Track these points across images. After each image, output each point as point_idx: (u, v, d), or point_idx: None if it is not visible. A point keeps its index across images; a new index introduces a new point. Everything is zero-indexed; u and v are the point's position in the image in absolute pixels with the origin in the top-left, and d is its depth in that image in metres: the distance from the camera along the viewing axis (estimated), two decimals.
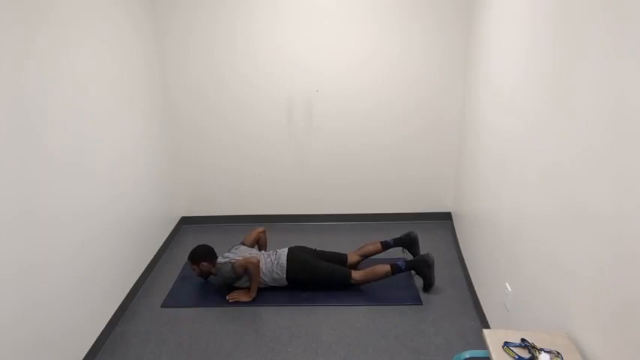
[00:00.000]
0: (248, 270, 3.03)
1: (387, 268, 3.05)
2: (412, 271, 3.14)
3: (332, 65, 3.70)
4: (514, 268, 2.26)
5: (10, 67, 1.97)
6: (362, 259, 3.34)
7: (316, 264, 3.13)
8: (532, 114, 2.05)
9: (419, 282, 3.19)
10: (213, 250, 3.21)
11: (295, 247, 3.25)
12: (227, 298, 3.07)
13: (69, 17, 2.43)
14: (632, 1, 1.31)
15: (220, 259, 3.15)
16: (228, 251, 3.25)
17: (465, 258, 3.38)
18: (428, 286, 3.10)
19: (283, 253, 3.18)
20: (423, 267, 3.08)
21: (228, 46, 3.67)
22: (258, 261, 3.04)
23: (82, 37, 2.56)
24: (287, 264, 3.11)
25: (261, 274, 3.09)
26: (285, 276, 3.11)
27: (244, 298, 3.05)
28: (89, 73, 2.63)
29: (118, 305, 2.92)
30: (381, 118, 3.86)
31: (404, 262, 3.07)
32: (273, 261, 3.15)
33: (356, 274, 3.08)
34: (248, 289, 3.09)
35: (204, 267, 3.15)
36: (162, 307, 3.06)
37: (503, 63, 2.55)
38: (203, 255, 3.16)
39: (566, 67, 1.73)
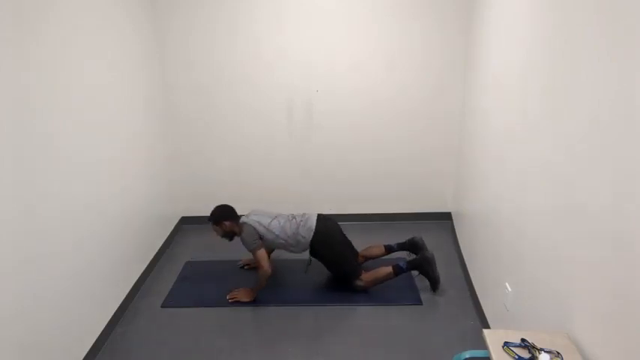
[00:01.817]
0: (257, 267, 3.00)
1: (389, 269, 3.05)
2: (415, 272, 3.13)
3: (332, 65, 3.70)
4: (514, 268, 2.26)
5: (10, 67, 1.96)
6: (365, 260, 3.34)
7: (342, 240, 3.08)
8: (532, 113, 2.05)
9: (419, 282, 3.19)
10: (233, 209, 3.14)
11: (324, 215, 3.19)
12: (227, 298, 3.07)
13: (69, 17, 2.43)
14: (632, 2, 1.31)
15: (245, 219, 3.07)
16: (262, 214, 3.14)
17: (465, 258, 3.38)
18: (434, 285, 3.08)
19: (312, 216, 3.12)
20: (424, 265, 3.07)
21: (228, 46, 3.67)
22: (269, 272, 2.98)
23: (82, 37, 2.56)
24: (315, 226, 3.04)
25: (284, 236, 3.02)
26: (310, 240, 3.03)
27: (245, 298, 3.04)
28: (89, 73, 2.63)
29: (118, 305, 2.92)
30: (380, 118, 3.86)
31: (405, 263, 3.07)
32: (299, 222, 3.07)
33: (364, 275, 3.07)
34: (251, 289, 3.09)
35: (226, 227, 3.08)
36: (162, 307, 3.06)
37: (503, 63, 2.55)
38: (223, 215, 3.09)
39: (565, 67, 1.73)
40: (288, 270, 3.39)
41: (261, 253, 2.99)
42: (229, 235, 3.14)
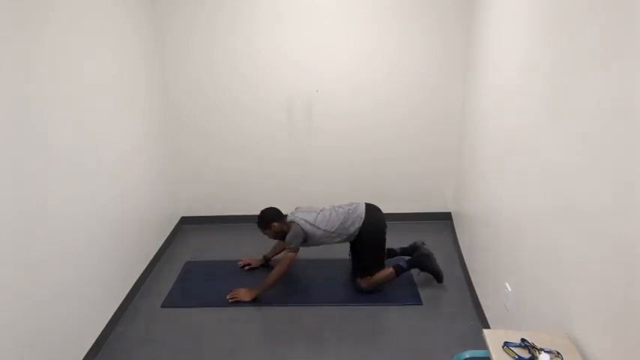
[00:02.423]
0: (280, 265, 2.99)
1: (390, 270, 3.07)
2: (417, 271, 3.14)
3: (332, 65, 3.70)
4: (514, 268, 2.26)
5: (10, 67, 1.96)
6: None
7: (384, 234, 3.09)
8: (532, 113, 2.05)
9: (420, 282, 3.19)
10: (278, 210, 3.18)
11: (371, 205, 3.19)
12: (227, 297, 3.06)
13: (69, 18, 2.43)
14: (631, 2, 1.31)
15: (292, 217, 3.08)
16: (307, 210, 3.15)
17: (465, 258, 3.38)
18: (438, 277, 3.12)
19: (360, 205, 3.12)
20: (423, 260, 3.10)
21: (228, 46, 3.67)
22: (284, 273, 2.98)
23: (82, 37, 2.56)
24: (365, 215, 3.04)
25: (330, 228, 3.01)
26: (358, 227, 3.02)
27: (245, 298, 3.04)
28: (89, 73, 2.63)
29: (118, 305, 2.92)
30: (380, 118, 3.86)
31: (405, 262, 3.09)
32: (346, 211, 3.06)
33: (367, 278, 3.07)
34: (252, 289, 3.07)
35: (275, 228, 3.10)
36: (162, 307, 3.06)
37: (503, 62, 2.55)
38: (270, 217, 3.12)
39: (565, 67, 1.73)
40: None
41: (293, 255, 2.99)
42: (280, 236, 3.16)
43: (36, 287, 2.11)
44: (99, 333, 2.66)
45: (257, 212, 4.14)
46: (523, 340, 1.58)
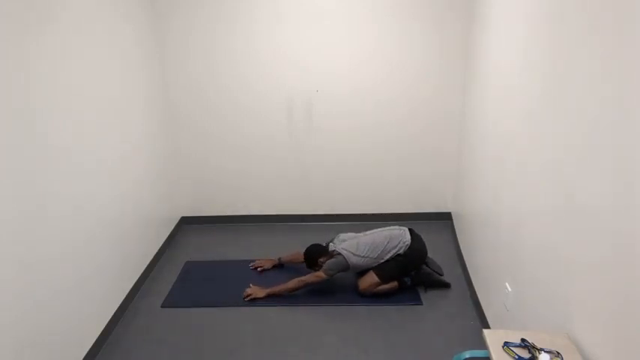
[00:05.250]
0: (307, 278, 3.03)
1: (395, 283, 3.08)
2: (424, 288, 3.16)
3: (332, 65, 3.70)
4: (514, 268, 2.26)
5: (11, 67, 1.96)
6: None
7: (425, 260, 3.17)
8: (532, 113, 2.05)
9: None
10: (320, 245, 3.21)
11: (413, 231, 3.23)
12: (243, 297, 3.06)
13: (69, 18, 2.43)
14: (630, 2, 1.31)
15: (337, 248, 3.10)
16: (349, 238, 3.18)
17: (465, 258, 3.38)
18: (446, 286, 3.17)
19: (406, 231, 3.16)
20: (425, 279, 3.15)
21: (228, 46, 3.67)
22: (307, 284, 3.02)
23: (82, 38, 2.56)
24: (411, 242, 3.08)
25: (373, 254, 3.03)
26: (401, 252, 3.05)
27: (259, 295, 3.05)
28: (89, 73, 2.63)
29: (118, 305, 2.92)
30: (380, 118, 3.85)
31: (409, 279, 3.12)
32: (390, 236, 3.09)
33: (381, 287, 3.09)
34: (264, 288, 3.08)
35: (323, 262, 3.11)
36: (162, 307, 3.06)
37: (503, 62, 2.55)
38: (316, 254, 3.15)
39: (565, 66, 1.73)
40: (290, 271, 3.38)
41: (325, 278, 3.00)
42: None
43: (36, 287, 2.11)
44: (99, 333, 2.66)
45: (257, 212, 4.19)
46: (523, 340, 1.58)
